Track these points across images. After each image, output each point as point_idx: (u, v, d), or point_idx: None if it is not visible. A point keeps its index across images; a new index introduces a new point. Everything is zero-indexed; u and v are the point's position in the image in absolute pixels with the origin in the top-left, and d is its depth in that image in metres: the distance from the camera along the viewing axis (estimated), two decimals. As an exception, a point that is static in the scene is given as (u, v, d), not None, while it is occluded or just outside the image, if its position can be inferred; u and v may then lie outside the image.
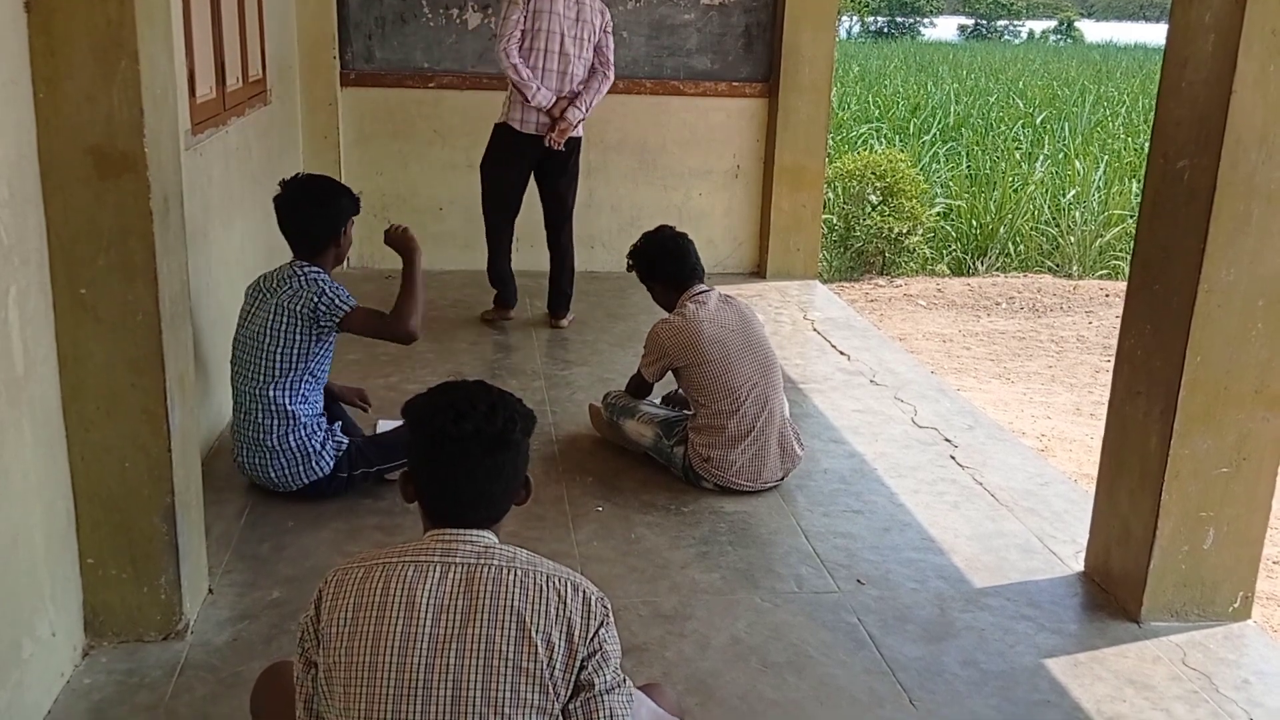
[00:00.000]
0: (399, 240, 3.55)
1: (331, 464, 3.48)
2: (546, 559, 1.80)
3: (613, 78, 5.31)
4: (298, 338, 3.38)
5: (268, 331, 3.37)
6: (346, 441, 3.56)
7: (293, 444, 3.41)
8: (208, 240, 3.87)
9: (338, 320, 3.37)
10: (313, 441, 3.44)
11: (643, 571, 3.24)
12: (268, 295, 3.43)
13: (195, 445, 2.89)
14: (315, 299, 3.35)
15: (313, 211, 3.46)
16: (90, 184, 2.45)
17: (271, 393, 3.38)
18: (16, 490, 2.33)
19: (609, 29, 5.26)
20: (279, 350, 3.37)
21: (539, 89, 5.09)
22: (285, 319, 3.36)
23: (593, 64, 5.25)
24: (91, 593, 2.67)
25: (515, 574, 1.74)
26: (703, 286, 3.89)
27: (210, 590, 2.99)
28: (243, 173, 4.48)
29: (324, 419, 3.53)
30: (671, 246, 3.94)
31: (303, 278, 3.40)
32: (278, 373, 3.38)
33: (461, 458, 1.78)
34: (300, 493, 3.50)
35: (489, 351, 5.23)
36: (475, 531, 1.80)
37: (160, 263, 2.53)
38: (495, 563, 1.75)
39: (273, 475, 3.46)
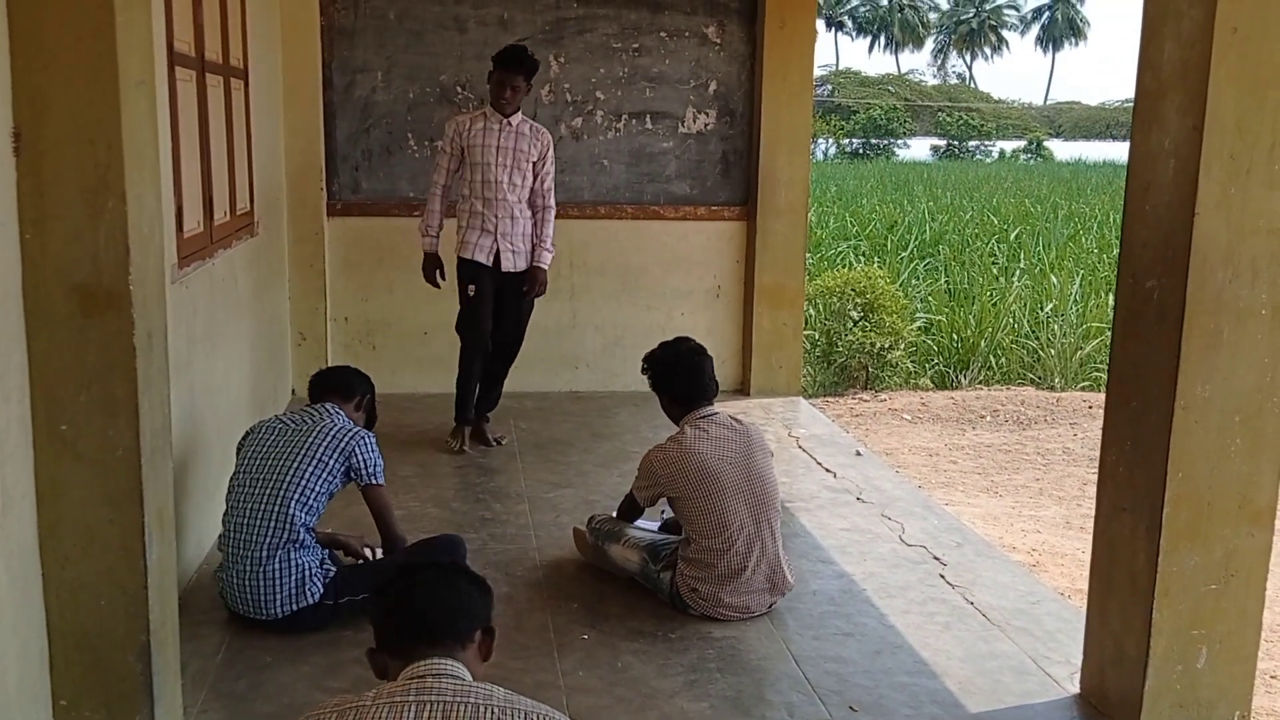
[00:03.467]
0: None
1: (321, 591, 3.48)
2: (525, 697, 1.77)
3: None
4: (333, 466, 3.53)
5: (303, 454, 3.51)
6: (334, 570, 3.56)
7: (293, 562, 3.43)
8: (191, 370, 3.88)
9: (367, 484, 3.61)
10: (311, 561, 3.47)
11: (630, 702, 3.16)
12: (307, 423, 3.60)
13: (173, 581, 2.85)
14: (363, 459, 3.57)
15: (354, 373, 4.00)
16: (74, 321, 2.46)
17: (291, 510, 3.44)
18: (-12, 632, 2.28)
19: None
20: (311, 471, 3.49)
21: None
22: (325, 449, 3.53)
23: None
24: (62, 737, 2.60)
25: (492, 713, 1.71)
26: (711, 409, 3.81)
27: (185, 731, 2.91)
28: (228, 303, 4.52)
29: (319, 547, 3.58)
30: (686, 362, 3.85)
31: (358, 430, 3.64)
32: (306, 493, 3.48)
33: (435, 578, 1.92)
34: (285, 622, 3.44)
35: (472, 475, 5.21)
36: (448, 661, 1.80)
37: (142, 398, 2.53)
38: (471, 701, 1.72)
39: (263, 599, 3.42)
